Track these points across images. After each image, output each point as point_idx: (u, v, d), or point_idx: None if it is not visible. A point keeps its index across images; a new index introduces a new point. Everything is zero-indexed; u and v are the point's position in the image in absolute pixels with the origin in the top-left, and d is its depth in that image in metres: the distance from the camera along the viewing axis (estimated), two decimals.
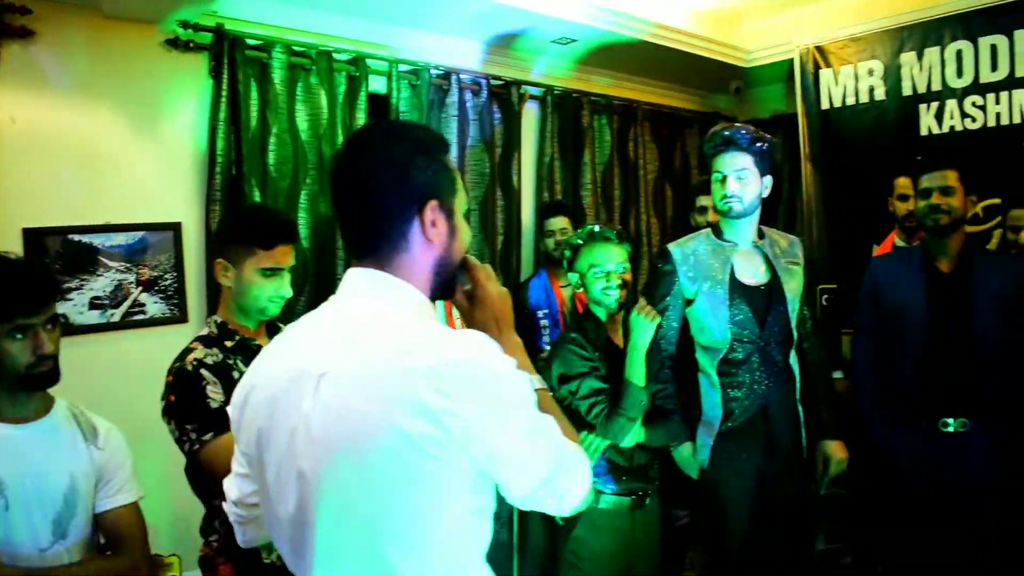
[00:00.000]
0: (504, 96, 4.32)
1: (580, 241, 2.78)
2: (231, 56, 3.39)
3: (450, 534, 1.21)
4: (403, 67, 3.92)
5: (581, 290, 2.80)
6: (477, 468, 1.19)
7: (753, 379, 2.87)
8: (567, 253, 2.83)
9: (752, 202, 2.87)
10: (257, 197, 3.39)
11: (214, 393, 2.01)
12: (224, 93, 3.35)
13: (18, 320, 1.93)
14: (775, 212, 5.34)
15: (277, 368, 1.30)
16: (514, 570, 3.57)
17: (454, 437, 1.14)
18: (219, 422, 1.93)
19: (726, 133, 2.86)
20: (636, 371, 2.62)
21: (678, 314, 2.97)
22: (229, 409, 1.40)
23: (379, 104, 3.89)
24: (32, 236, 3.05)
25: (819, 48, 4.60)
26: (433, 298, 1.36)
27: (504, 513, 3.89)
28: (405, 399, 1.14)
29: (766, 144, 2.87)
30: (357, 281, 1.32)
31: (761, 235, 2.99)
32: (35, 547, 1.96)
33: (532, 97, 4.50)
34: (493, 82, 4.26)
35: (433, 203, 1.31)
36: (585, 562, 2.67)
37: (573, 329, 2.88)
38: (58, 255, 3.10)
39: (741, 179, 2.83)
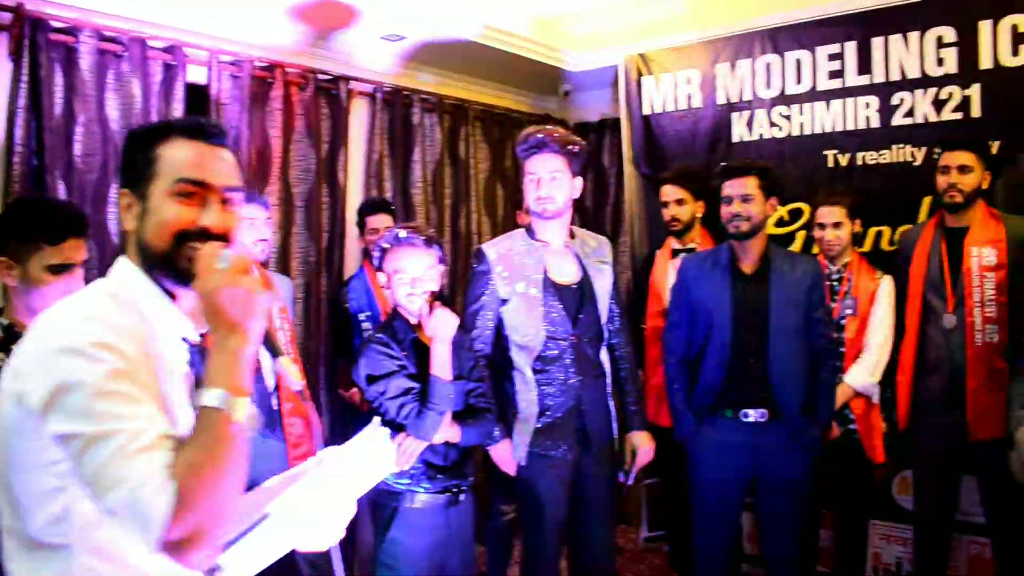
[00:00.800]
0: (332, 91, 4.27)
1: (387, 245, 2.78)
2: (33, 38, 3.18)
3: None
4: (224, 58, 3.80)
5: (388, 292, 2.81)
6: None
7: (567, 376, 2.97)
8: (377, 254, 2.83)
9: (564, 203, 2.97)
10: (61, 190, 3.21)
11: None
12: (25, 78, 3.14)
13: None
14: (603, 213, 5.54)
15: None
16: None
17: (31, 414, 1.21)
18: None
19: (539, 136, 2.96)
20: (442, 365, 2.65)
21: (493, 314, 3.03)
22: None
23: (198, 95, 3.76)
24: None
25: (642, 56, 4.79)
26: (160, 279, 1.39)
27: None
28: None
29: (577, 147, 2.98)
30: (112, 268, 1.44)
31: (572, 235, 3.10)
32: None
33: (361, 93, 4.46)
34: (320, 77, 4.20)
35: (123, 190, 1.41)
36: (400, 562, 2.68)
37: (380, 329, 2.88)
38: None
39: (554, 181, 2.92)
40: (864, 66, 4.03)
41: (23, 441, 1.23)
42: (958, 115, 3.79)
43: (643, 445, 3.18)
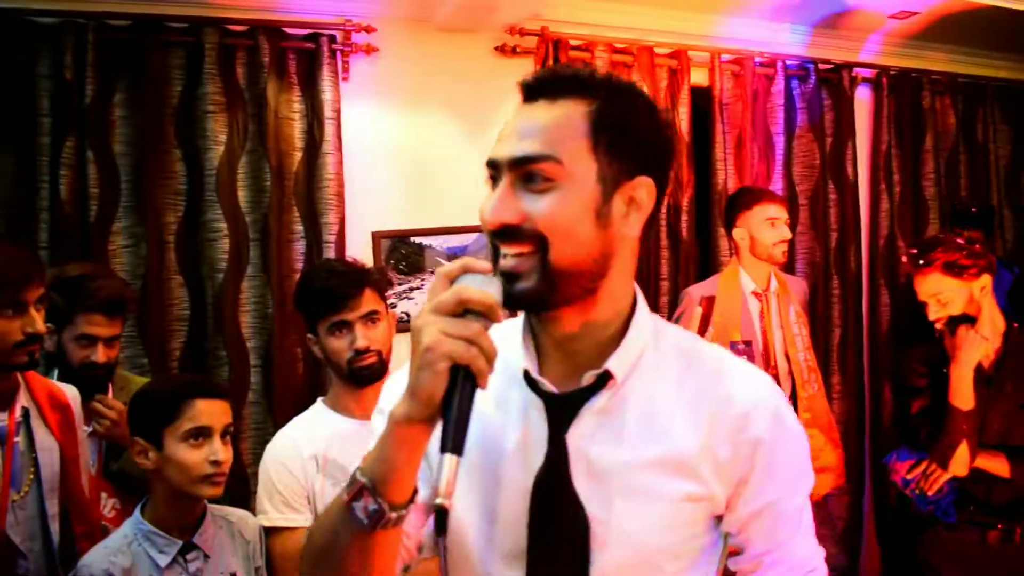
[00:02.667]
0: (834, 81, 3.99)
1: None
2: (555, 58, 3.39)
3: None
4: (725, 57, 3.74)
5: None
6: None
7: None
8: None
9: None
10: None
11: None
12: None
13: (332, 318, 2.00)
14: None
15: None
16: None
17: None
18: None
19: None
20: (960, 393, 2.40)
21: None
22: None
23: (701, 97, 3.73)
24: (379, 239, 3.22)
25: None
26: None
27: None
28: None
29: None
30: None
31: None
32: None
33: (864, 80, 4.12)
34: (821, 67, 3.96)
35: None
36: None
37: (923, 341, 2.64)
38: (400, 256, 3.23)
39: None
40: None
41: None
42: None
43: None
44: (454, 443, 0.88)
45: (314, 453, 2.01)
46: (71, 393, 2.06)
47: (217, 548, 1.92)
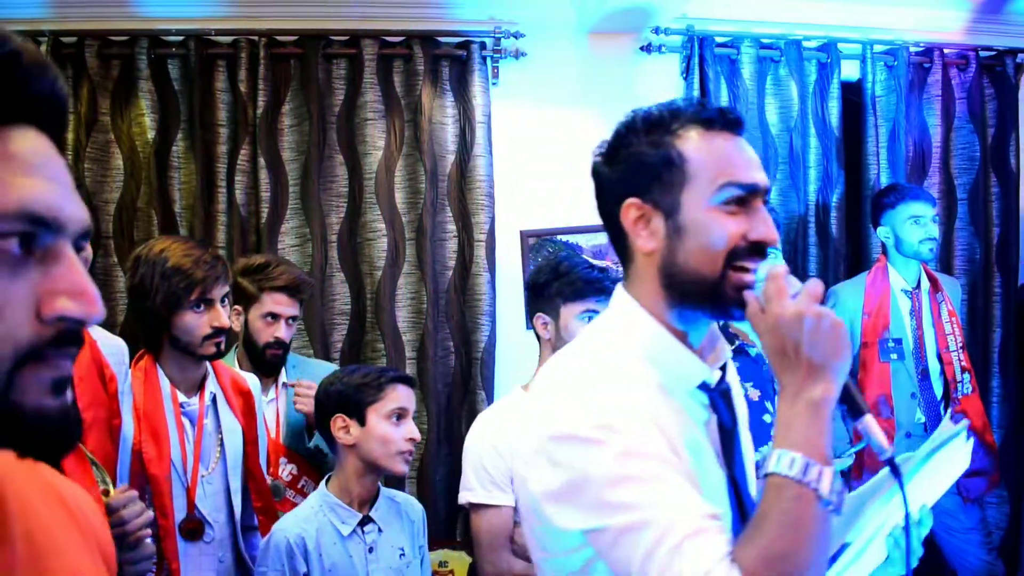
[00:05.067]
0: (997, 68, 3.80)
1: None
2: (701, 55, 3.41)
3: None
4: (878, 48, 3.63)
5: None
6: None
7: None
8: None
9: None
10: None
11: None
12: (696, 92, 3.37)
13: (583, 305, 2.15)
14: None
15: None
16: None
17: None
18: None
19: None
20: None
21: None
22: None
23: (852, 91, 3.64)
24: (526, 238, 3.33)
25: None
26: (687, 315, 1.14)
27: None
28: None
29: None
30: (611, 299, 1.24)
31: None
32: None
33: None
34: (983, 54, 3.78)
35: (633, 200, 1.13)
36: None
37: None
38: (548, 254, 3.32)
39: None
40: None
41: (542, 526, 1.12)
42: None
43: None
44: (864, 406, 1.06)
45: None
46: (252, 380, 2.29)
47: (389, 524, 2.09)
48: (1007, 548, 3.63)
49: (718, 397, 1.17)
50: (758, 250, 1.09)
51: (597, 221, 3.26)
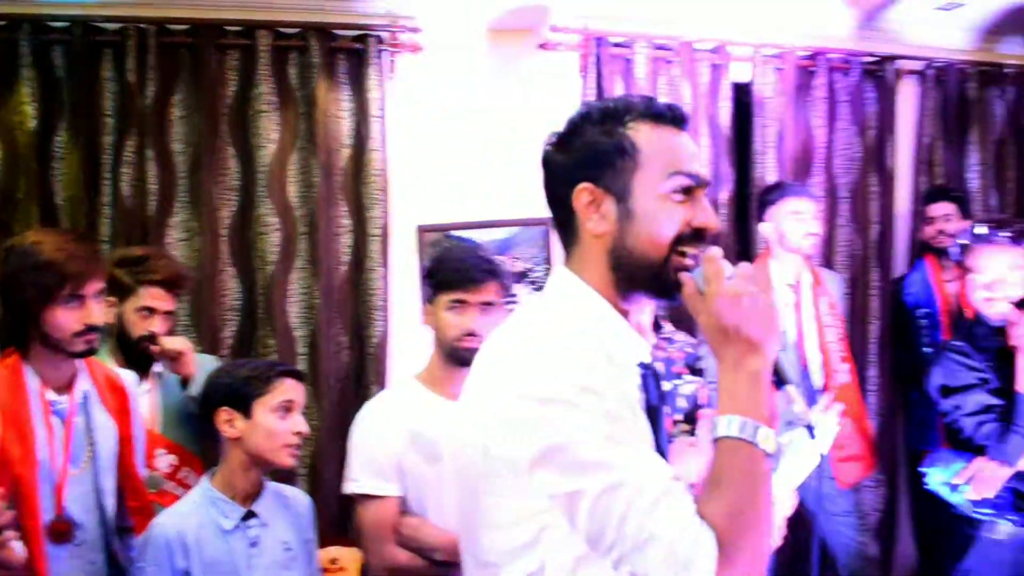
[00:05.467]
0: (878, 74, 3.98)
1: (965, 242, 2.47)
2: (597, 54, 3.47)
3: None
4: (767, 51, 3.76)
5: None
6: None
7: None
8: (955, 250, 2.52)
9: None
10: None
11: None
12: (591, 91, 3.44)
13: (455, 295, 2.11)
14: None
15: None
16: None
17: None
18: None
19: None
20: None
21: None
22: None
23: (742, 92, 3.77)
24: (423, 233, 3.34)
25: None
26: (629, 295, 1.22)
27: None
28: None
29: None
30: (550, 278, 1.29)
31: None
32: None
33: (909, 72, 4.09)
34: (865, 60, 3.95)
35: (586, 185, 1.20)
36: None
37: (959, 335, 2.59)
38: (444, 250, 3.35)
39: None
40: None
41: (493, 498, 1.16)
42: None
43: None
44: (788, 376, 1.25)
45: (407, 427, 2.10)
46: (128, 378, 2.24)
47: (274, 519, 2.08)
48: (883, 530, 3.83)
49: (650, 376, 1.26)
50: (699, 236, 1.19)
51: (496, 216, 3.31)
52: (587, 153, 1.21)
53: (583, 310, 1.20)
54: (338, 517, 3.07)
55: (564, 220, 1.25)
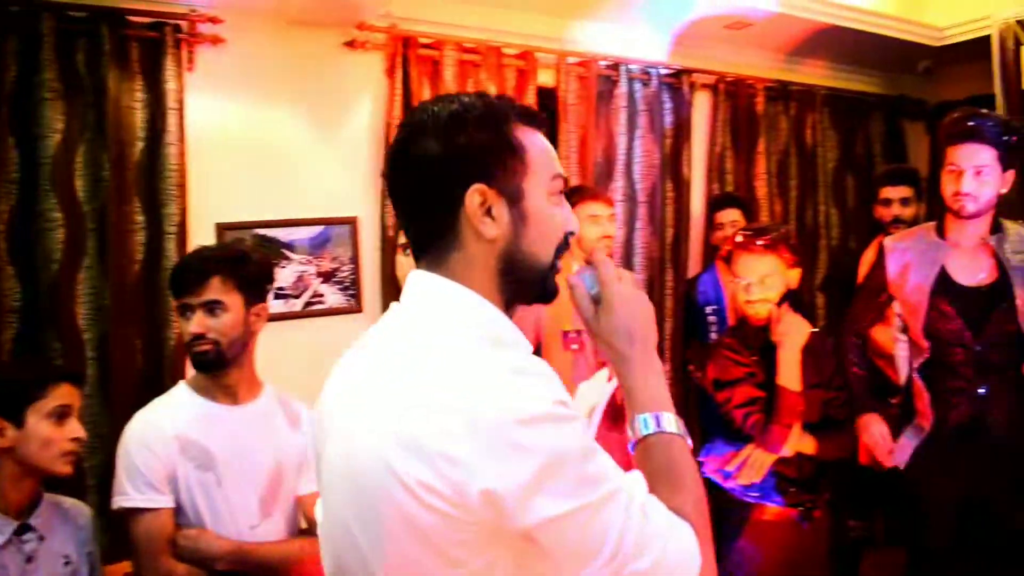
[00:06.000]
0: (675, 85, 4.22)
1: (730, 248, 2.68)
2: (405, 55, 3.48)
3: None
4: (571, 59, 3.90)
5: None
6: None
7: (967, 384, 2.64)
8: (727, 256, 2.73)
9: (987, 202, 2.57)
10: None
11: None
12: (398, 91, 3.44)
13: (180, 300, 2.07)
14: None
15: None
16: None
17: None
18: None
19: (970, 123, 2.53)
20: (788, 375, 2.49)
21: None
22: None
23: (548, 97, 3.89)
24: (223, 231, 3.24)
25: (1021, 23, 4.20)
26: (511, 303, 1.16)
27: None
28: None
29: (1016, 137, 2.53)
30: (412, 287, 1.16)
31: (996, 228, 2.67)
32: (246, 524, 2.06)
33: (704, 86, 4.37)
34: (663, 71, 4.17)
35: (478, 186, 1.10)
36: (746, 572, 2.55)
37: (730, 332, 2.79)
38: None
39: (980, 176, 2.52)
40: None
41: (419, 546, 0.99)
42: None
43: None
44: None
45: (177, 435, 2.02)
46: None
47: (52, 531, 1.97)
48: None
49: None
50: (567, 241, 1.18)
51: (299, 215, 3.26)
52: (475, 153, 1.11)
53: (473, 320, 1.10)
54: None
55: (441, 224, 1.12)
